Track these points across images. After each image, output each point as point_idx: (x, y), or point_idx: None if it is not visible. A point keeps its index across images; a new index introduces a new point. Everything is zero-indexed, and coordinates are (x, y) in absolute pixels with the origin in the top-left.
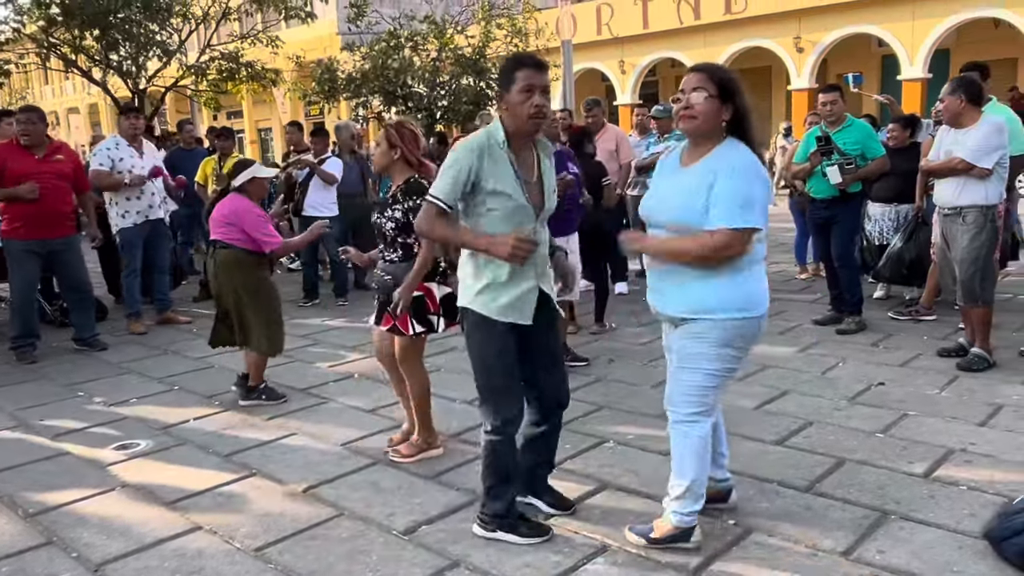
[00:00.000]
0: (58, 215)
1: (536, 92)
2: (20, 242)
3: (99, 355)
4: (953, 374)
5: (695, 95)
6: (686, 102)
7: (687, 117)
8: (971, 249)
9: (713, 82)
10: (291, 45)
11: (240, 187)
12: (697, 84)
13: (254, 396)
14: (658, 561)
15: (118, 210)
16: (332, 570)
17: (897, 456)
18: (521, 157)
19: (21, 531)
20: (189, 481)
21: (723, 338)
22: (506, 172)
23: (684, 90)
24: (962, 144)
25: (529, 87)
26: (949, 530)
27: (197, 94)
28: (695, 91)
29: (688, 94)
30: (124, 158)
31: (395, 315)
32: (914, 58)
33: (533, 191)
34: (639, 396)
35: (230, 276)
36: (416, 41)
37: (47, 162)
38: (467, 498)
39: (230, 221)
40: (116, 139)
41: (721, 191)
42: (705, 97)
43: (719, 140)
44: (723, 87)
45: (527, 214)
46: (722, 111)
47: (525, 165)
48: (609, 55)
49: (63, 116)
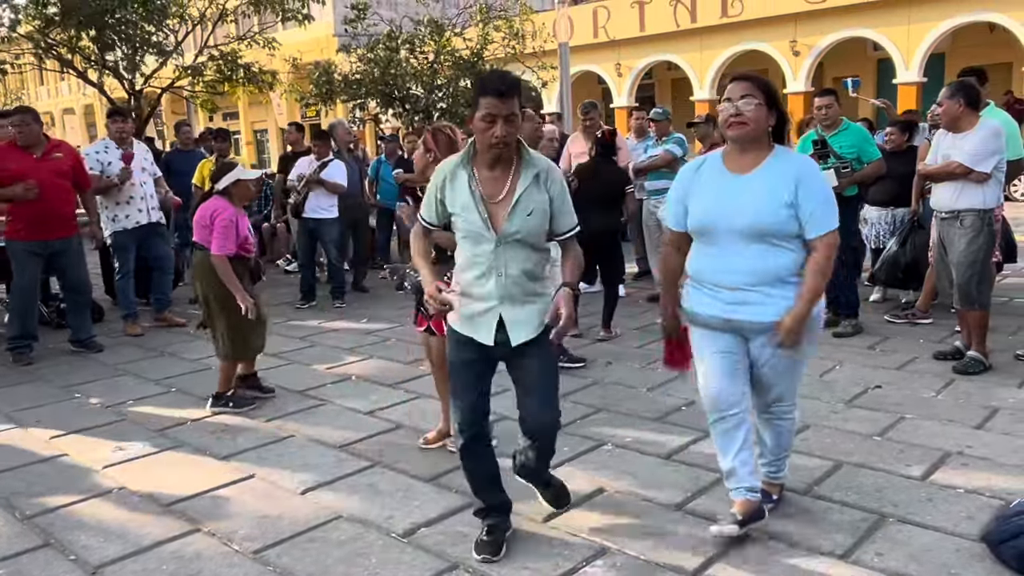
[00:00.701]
0: (60, 216)
1: (498, 122)
2: (22, 243)
3: (96, 357)
4: (949, 377)
5: (744, 102)
6: (736, 109)
7: (738, 124)
8: (968, 253)
9: (761, 90)
10: (288, 47)
11: (224, 190)
12: (745, 92)
13: (220, 403)
14: (656, 564)
15: (108, 214)
16: (330, 572)
17: (894, 459)
18: (491, 175)
19: (18, 533)
20: (187, 483)
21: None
22: (462, 191)
23: (731, 98)
24: (960, 148)
25: (490, 117)
26: (947, 533)
27: (193, 95)
28: (744, 99)
29: (736, 101)
30: (113, 161)
31: (428, 316)
32: (910, 62)
33: (497, 212)
34: (637, 399)
35: (203, 278)
36: (414, 43)
37: (46, 160)
38: (466, 500)
39: (206, 224)
40: (106, 142)
41: (813, 197)
42: (756, 104)
43: (769, 145)
44: (769, 95)
45: (483, 237)
46: (769, 117)
47: (494, 184)
48: (605, 58)
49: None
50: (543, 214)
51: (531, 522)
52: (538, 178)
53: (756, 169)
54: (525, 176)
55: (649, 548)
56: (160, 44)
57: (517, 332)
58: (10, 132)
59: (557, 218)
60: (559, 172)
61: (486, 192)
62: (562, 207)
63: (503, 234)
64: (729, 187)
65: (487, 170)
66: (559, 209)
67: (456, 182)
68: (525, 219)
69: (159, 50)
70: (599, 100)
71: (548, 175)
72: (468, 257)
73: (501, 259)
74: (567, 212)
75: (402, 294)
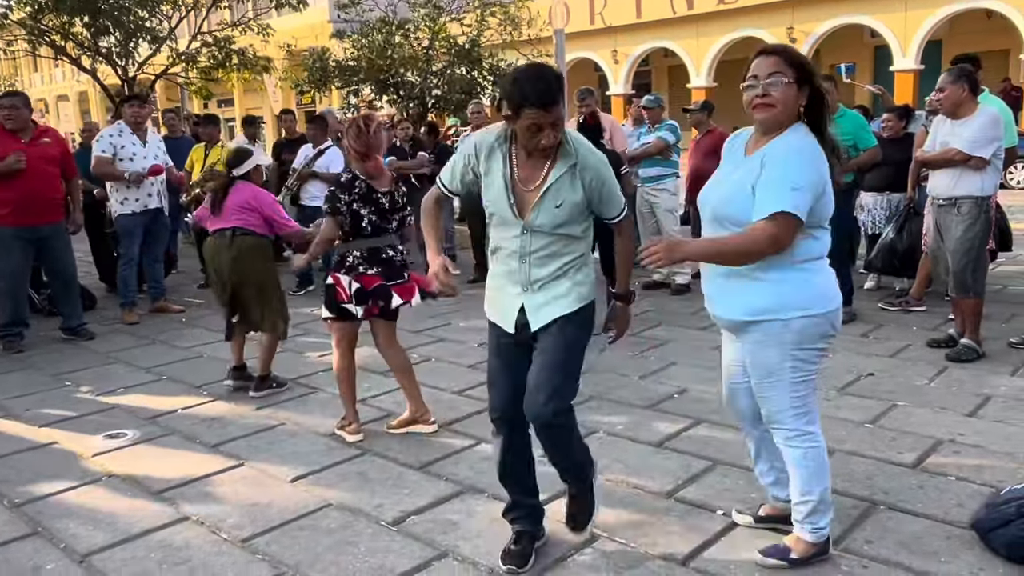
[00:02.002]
0: (46, 200)
1: (544, 129)
2: (9, 228)
3: (86, 344)
4: (942, 365)
5: (771, 81)
6: (762, 89)
7: (764, 106)
8: (965, 240)
9: (791, 65)
10: (282, 33)
11: (245, 175)
12: (773, 68)
13: (266, 386)
14: (647, 552)
15: (118, 197)
16: (320, 560)
17: (886, 447)
18: (528, 160)
19: (6, 521)
20: (176, 471)
21: (794, 340)
22: (496, 172)
23: (757, 76)
24: (959, 135)
25: (536, 127)
26: (937, 520)
27: (187, 82)
28: (771, 76)
29: (763, 80)
30: (126, 145)
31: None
32: (907, 49)
33: (526, 199)
34: (628, 387)
35: (254, 262)
36: (408, 29)
37: (33, 146)
38: (455, 489)
39: (251, 207)
40: (120, 126)
41: (768, 176)
42: (785, 83)
43: (789, 126)
44: (801, 70)
45: (510, 222)
46: (800, 97)
47: (529, 170)
48: (602, 44)
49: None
50: (574, 207)
51: None
52: (574, 169)
53: (756, 152)
54: (560, 166)
55: (640, 536)
56: (154, 30)
57: (537, 317)
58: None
59: (601, 205)
60: (600, 161)
61: (521, 176)
62: (604, 196)
63: (529, 223)
64: (730, 169)
65: (524, 155)
66: (601, 197)
67: (492, 161)
68: (553, 211)
69: (153, 36)
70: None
71: (587, 170)
72: (496, 239)
73: (527, 247)
74: (612, 197)
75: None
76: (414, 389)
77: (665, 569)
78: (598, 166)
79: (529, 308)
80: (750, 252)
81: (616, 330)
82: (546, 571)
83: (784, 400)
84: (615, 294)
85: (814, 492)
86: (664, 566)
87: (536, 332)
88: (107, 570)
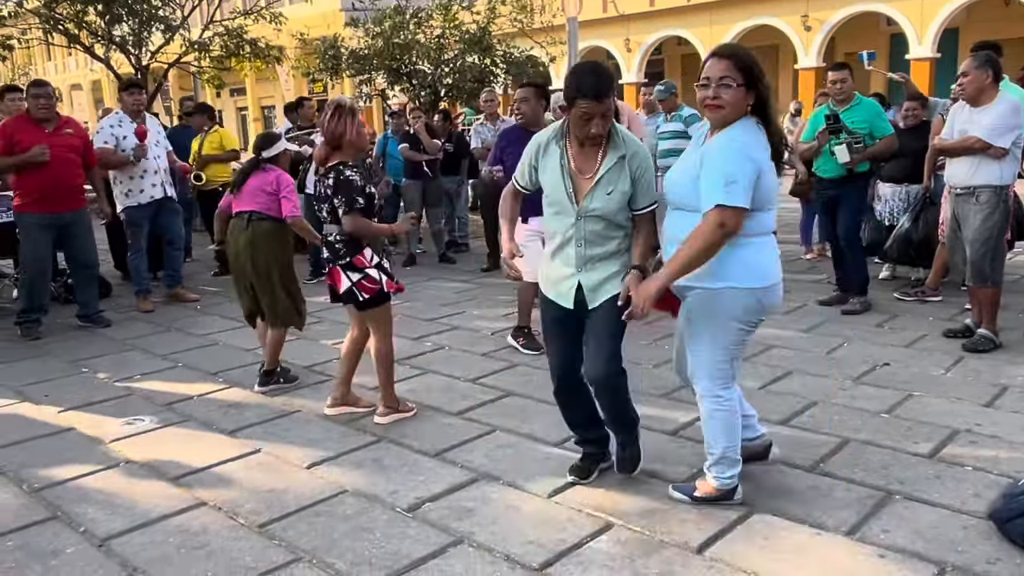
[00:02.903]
0: (70, 188)
1: (595, 119)
2: (34, 215)
3: (103, 332)
4: (959, 355)
5: (721, 84)
6: (713, 92)
7: (715, 107)
8: (983, 229)
9: (739, 70)
10: (294, 22)
11: (273, 158)
12: (723, 73)
13: (272, 381)
14: (662, 540)
15: (122, 189)
16: (336, 546)
17: (902, 436)
18: (582, 151)
19: (26, 506)
20: (193, 457)
21: (721, 310)
22: (552, 164)
23: (710, 78)
24: (978, 123)
25: (587, 116)
26: (954, 510)
27: (200, 71)
28: (722, 80)
29: (714, 84)
30: (128, 135)
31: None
32: (923, 37)
33: (581, 187)
34: (643, 375)
35: (267, 248)
36: (420, 18)
37: (58, 135)
38: (470, 476)
39: (271, 191)
40: (119, 116)
41: (707, 171)
42: (734, 87)
43: (735, 121)
44: (748, 74)
45: (566, 209)
46: (747, 98)
47: (584, 160)
48: (614, 33)
49: (66, 93)
50: (623, 195)
51: (536, 497)
52: (623, 160)
53: (709, 142)
54: (611, 157)
55: (654, 524)
56: (167, 18)
57: (594, 296)
58: (16, 105)
59: (637, 197)
60: (646, 154)
61: (576, 167)
62: (644, 187)
63: (583, 209)
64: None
65: (578, 147)
66: (640, 189)
67: (548, 155)
68: (605, 198)
69: (166, 25)
70: None
71: (635, 159)
72: (552, 227)
73: (581, 231)
74: (647, 191)
75: (409, 269)
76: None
77: (680, 557)
78: (645, 157)
79: (586, 286)
80: (708, 246)
81: (633, 300)
82: (561, 557)
83: (703, 362)
84: (634, 265)
85: (717, 446)
86: (679, 554)
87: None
88: (126, 554)
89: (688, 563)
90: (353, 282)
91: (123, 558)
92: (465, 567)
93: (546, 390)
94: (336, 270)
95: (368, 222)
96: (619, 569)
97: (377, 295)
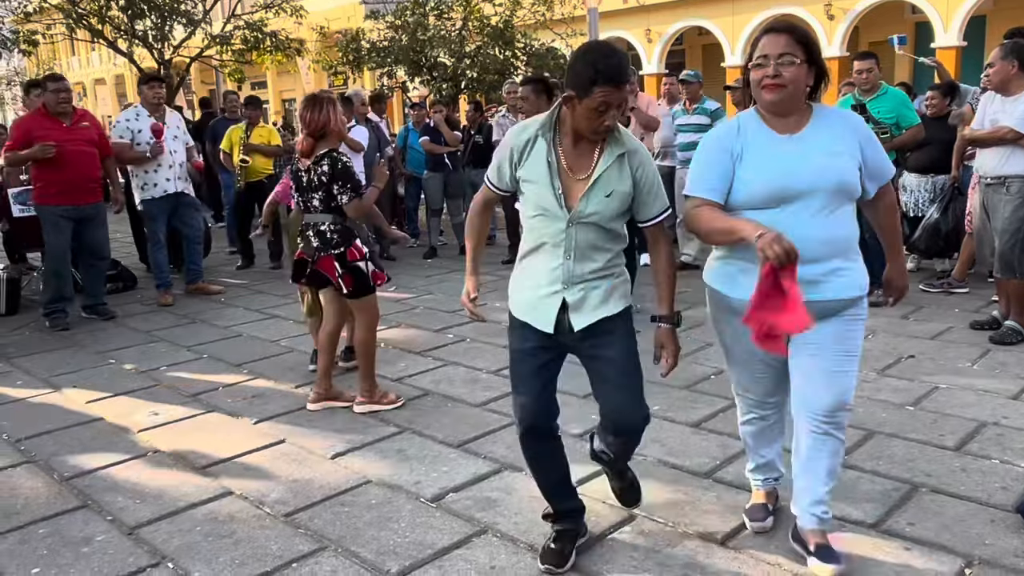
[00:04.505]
0: (89, 181)
1: (610, 111)
2: (56, 208)
3: (129, 323)
4: (985, 347)
5: (783, 62)
6: (774, 70)
7: (776, 87)
8: (1014, 220)
9: (800, 44)
10: (315, 15)
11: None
12: (784, 49)
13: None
14: (685, 532)
15: (138, 182)
16: (361, 536)
17: (928, 429)
18: (574, 149)
19: (56, 494)
20: (219, 447)
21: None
22: (538, 161)
23: (767, 56)
24: (1010, 113)
25: (605, 106)
26: (980, 503)
27: (222, 64)
28: (783, 57)
29: (773, 60)
30: (144, 129)
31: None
32: (948, 25)
33: (573, 189)
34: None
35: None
36: (441, 9)
37: (76, 129)
38: (493, 466)
39: None
40: (137, 109)
41: (874, 154)
42: (797, 63)
43: (807, 104)
44: (809, 50)
45: (554, 215)
46: (809, 76)
47: (576, 158)
48: (635, 23)
49: (90, 87)
50: (623, 197)
51: None
52: (623, 159)
53: (804, 129)
54: (609, 154)
55: (678, 515)
56: (188, 13)
57: (580, 316)
58: (37, 102)
59: (643, 204)
60: (646, 151)
61: (568, 165)
62: (650, 191)
63: (576, 214)
64: (783, 150)
65: (570, 143)
66: (647, 194)
67: (533, 151)
68: (603, 200)
69: (187, 19)
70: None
71: (635, 156)
72: (535, 235)
73: (571, 240)
74: (656, 197)
75: (430, 262)
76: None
77: (703, 548)
78: (646, 154)
79: (572, 304)
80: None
81: (668, 360)
82: (585, 549)
83: (853, 379)
84: (661, 317)
85: (832, 479)
86: (702, 545)
87: (580, 332)
88: (155, 542)
89: (712, 554)
90: (339, 273)
91: (152, 546)
92: (489, 557)
93: (568, 381)
94: (328, 258)
95: (371, 205)
96: (642, 560)
97: (363, 285)
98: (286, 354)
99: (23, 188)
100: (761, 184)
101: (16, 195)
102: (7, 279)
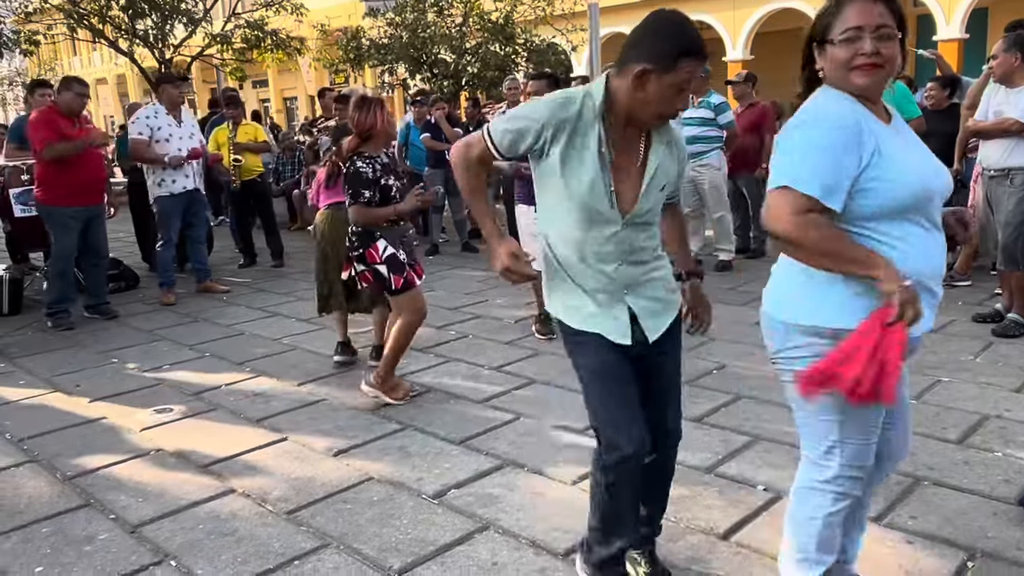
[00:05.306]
0: (96, 181)
1: (687, 88)
2: (67, 209)
3: (131, 322)
4: (988, 340)
5: (882, 34)
6: (872, 46)
7: (874, 67)
8: (1017, 212)
9: (894, 15)
10: (315, 13)
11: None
12: (882, 21)
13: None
14: (688, 527)
15: (155, 179)
16: (363, 532)
17: (930, 422)
18: (624, 139)
19: (60, 493)
20: (221, 445)
21: None
22: (588, 152)
23: (862, 27)
24: (1014, 104)
25: (688, 82)
26: (983, 496)
27: (223, 63)
28: (881, 29)
29: (870, 34)
30: (162, 127)
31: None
32: (951, 17)
33: (624, 186)
34: None
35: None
36: (441, 6)
37: (83, 130)
38: (495, 463)
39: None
40: (156, 107)
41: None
42: (897, 38)
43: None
44: (902, 22)
45: (604, 216)
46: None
47: (626, 151)
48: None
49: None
50: (673, 187)
51: (561, 484)
52: (671, 146)
53: (894, 120)
54: (658, 141)
55: (680, 510)
56: (189, 12)
57: (653, 324)
58: (43, 101)
59: (678, 188)
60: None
61: (618, 160)
62: (683, 173)
63: (634, 213)
64: (906, 143)
65: (619, 129)
66: (680, 176)
67: (580, 134)
68: (658, 195)
69: (188, 18)
70: None
71: (679, 143)
72: (579, 237)
73: (625, 243)
74: (683, 177)
75: (432, 258)
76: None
77: (706, 543)
78: (681, 138)
79: (641, 315)
80: None
81: (701, 318)
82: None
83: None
84: (689, 272)
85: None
86: (705, 540)
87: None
88: (158, 540)
89: (714, 549)
90: (356, 272)
91: (155, 544)
92: (491, 553)
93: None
94: (349, 260)
95: (370, 211)
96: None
97: (384, 286)
98: (288, 352)
99: (24, 188)
100: (903, 187)
101: (17, 195)
102: (9, 279)
